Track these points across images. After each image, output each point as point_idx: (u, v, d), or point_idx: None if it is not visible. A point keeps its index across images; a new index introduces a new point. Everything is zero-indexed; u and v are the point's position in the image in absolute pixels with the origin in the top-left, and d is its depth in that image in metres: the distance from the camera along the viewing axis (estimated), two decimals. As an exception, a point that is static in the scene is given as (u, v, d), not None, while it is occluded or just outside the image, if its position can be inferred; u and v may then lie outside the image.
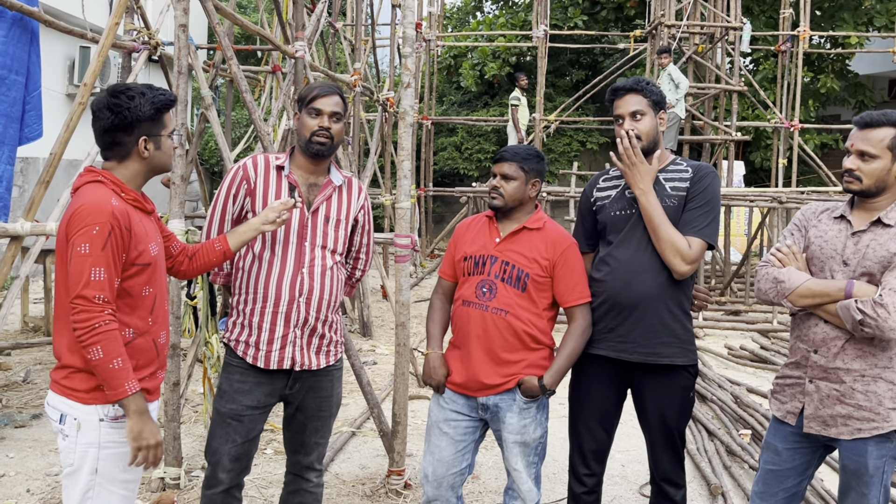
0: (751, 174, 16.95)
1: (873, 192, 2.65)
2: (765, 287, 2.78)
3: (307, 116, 2.97)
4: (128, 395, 2.33)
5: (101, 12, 7.23)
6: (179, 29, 4.21)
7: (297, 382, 3.02)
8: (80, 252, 2.30)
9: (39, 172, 4.55)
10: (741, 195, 10.35)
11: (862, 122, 2.67)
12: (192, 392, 5.96)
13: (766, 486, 2.87)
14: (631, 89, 3.06)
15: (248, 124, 15.84)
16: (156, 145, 2.50)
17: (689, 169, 3.09)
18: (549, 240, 3.10)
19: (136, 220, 2.44)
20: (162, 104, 2.48)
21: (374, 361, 7.43)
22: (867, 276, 2.62)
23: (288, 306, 2.92)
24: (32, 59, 4.79)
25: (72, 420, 2.40)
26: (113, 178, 2.45)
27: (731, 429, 5.49)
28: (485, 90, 18.76)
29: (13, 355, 7.10)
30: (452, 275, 3.26)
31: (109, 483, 2.43)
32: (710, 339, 8.99)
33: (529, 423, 3.08)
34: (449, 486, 3.16)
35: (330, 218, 3.02)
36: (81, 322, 2.29)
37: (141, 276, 2.46)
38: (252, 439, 3.00)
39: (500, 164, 3.11)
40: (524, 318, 3.04)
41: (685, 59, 12.45)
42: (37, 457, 4.78)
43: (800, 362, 2.78)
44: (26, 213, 4.54)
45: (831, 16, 16.83)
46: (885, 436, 2.64)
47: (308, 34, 6.52)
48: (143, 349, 2.49)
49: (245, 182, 3.00)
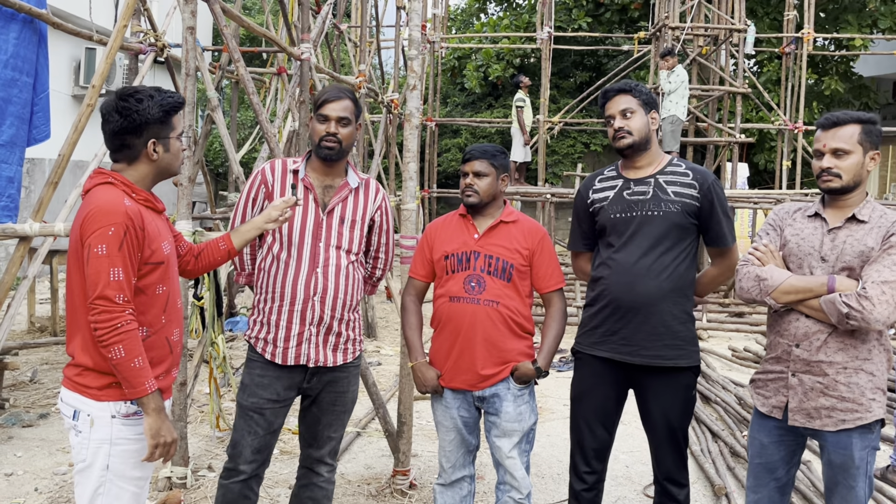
0: (755, 176, 16.96)
1: (851, 186, 2.74)
2: (747, 285, 2.84)
3: (316, 122, 3.06)
4: (147, 393, 2.37)
5: (108, 14, 7.27)
6: (187, 31, 4.24)
7: (314, 377, 3.11)
8: (98, 253, 2.33)
9: (45, 173, 4.58)
10: (745, 197, 10.37)
11: (829, 123, 2.77)
12: (199, 392, 6.00)
13: (757, 479, 2.95)
14: (620, 91, 3.16)
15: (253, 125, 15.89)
16: (164, 148, 2.53)
17: (690, 173, 3.12)
18: (526, 230, 3.23)
19: (149, 220, 2.47)
20: (170, 107, 2.51)
21: (379, 362, 7.46)
22: (847, 271, 2.70)
23: (303, 305, 3.01)
24: (41, 60, 4.83)
25: (85, 416, 2.42)
26: (123, 180, 2.48)
27: (735, 430, 5.50)
28: (489, 92, 18.80)
29: (20, 355, 7.13)
30: (425, 275, 3.33)
31: (121, 480, 2.45)
32: (713, 340, 9.00)
33: (524, 409, 3.19)
34: (461, 466, 3.29)
35: (345, 219, 3.10)
36: (103, 322, 2.32)
37: (154, 274, 2.49)
38: (273, 432, 3.10)
39: (471, 162, 3.21)
40: (512, 308, 3.16)
41: (689, 62, 12.46)
42: (44, 456, 4.81)
43: (781, 357, 2.83)
44: (34, 214, 4.57)
45: (835, 18, 16.84)
46: (867, 426, 2.71)
47: (313, 36, 6.55)
48: (157, 347, 2.52)
49: (263, 186, 3.12)
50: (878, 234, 2.68)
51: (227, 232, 2.98)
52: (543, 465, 4.90)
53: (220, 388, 5.23)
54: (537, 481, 4.65)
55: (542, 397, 6.47)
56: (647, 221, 3.06)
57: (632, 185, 3.14)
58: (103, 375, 2.41)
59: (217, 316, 4.73)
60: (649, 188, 3.10)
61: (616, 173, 3.23)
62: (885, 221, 2.70)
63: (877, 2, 16.21)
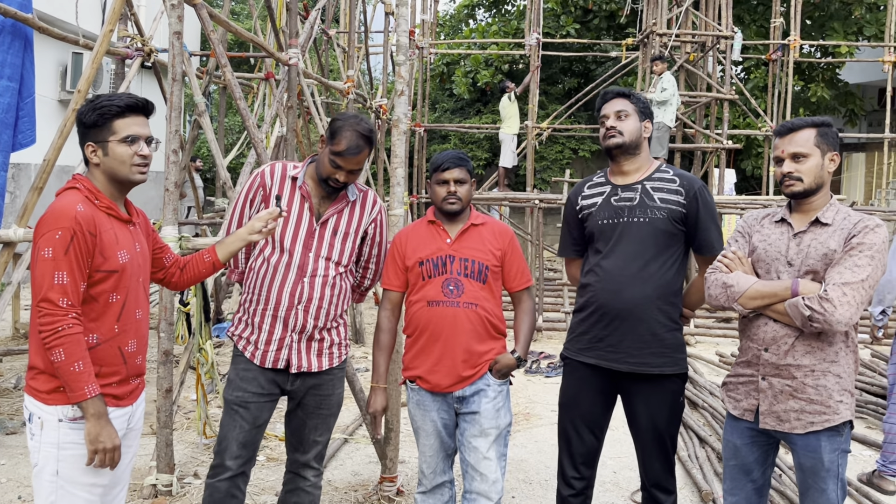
0: (742, 182, 17.04)
1: (814, 189, 2.79)
2: (715, 292, 2.87)
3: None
4: (86, 398, 2.36)
5: (94, 19, 7.24)
6: (174, 36, 4.22)
7: (297, 379, 3.11)
8: (44, 256, 2.33)
9: (31, 178, 4.55)
10: (732, 203, 10.40)
11: (785, 129, 2.83)
12: (185, 399, 5.96)
13: (734, 481, 2.97)
14: (619, 94, 3.20)
15: (241, 131, 15.86)
16: (104, 152, 2.47)
17: (677, 179, 3.13)
18: (495, 232, 3.29)
19: (107, 228, 2.44)
20: (106, 109, 2.45)
21: (367, 368, 7.43)
22: (811, 274, 2.73)
23: (287, 312, 3.02)
24: (27, 65, 4.79)
25: (37, 419, 2.43)
26: (90, 185, 2.47)
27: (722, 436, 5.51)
28: (477, 97, 18.82)
29: (4, 361, 7.08)
30: (399, 285, 3.32)
31: (72, 486, 2.43)
32: (701, 346, 9.03)
33: (501, 407, 3.20)
34: (442, 472, 3.28)
35: (338, 230, 3.11)
36: (46, 325, 2.32)
37: (107, 282, 2.45)
38: (258, 426, 3.09)
39: (451, 171, 3.21)
40: (489, 309, 3.20)
41: (677, 68, 12.52)
42: (28, 464, 4.74)
43: (751, 361, 2.87)
44: (19, 220, 4.53)
45: (822, 25, 16.97)
46: (835, 429, 2.74)
47: (301, 41, 6.54)
48: (108, 356, 2.48)
49: (262, 189, 3.11)
50: (841, 237, 2.71)
51: (212, 244, 2.97)
52: (531, 471, 4.89)
53: (208, 394, 5.20)
54: (525, 487, 4.64)
55: (530, 403, 6.47)
56: (634, 228, 3.07)
57: (619, 192, 3.15)
58: (52, 378, 2.40)
59: (205, 322, 4.71)
60: (636, 194, 3.11)
61: (604, 179, 3.24)
62: (847, 224, 2.73)
63: (862, 9, 16.35)
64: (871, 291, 2.64)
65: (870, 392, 6.57)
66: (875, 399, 6.38)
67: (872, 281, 2.63)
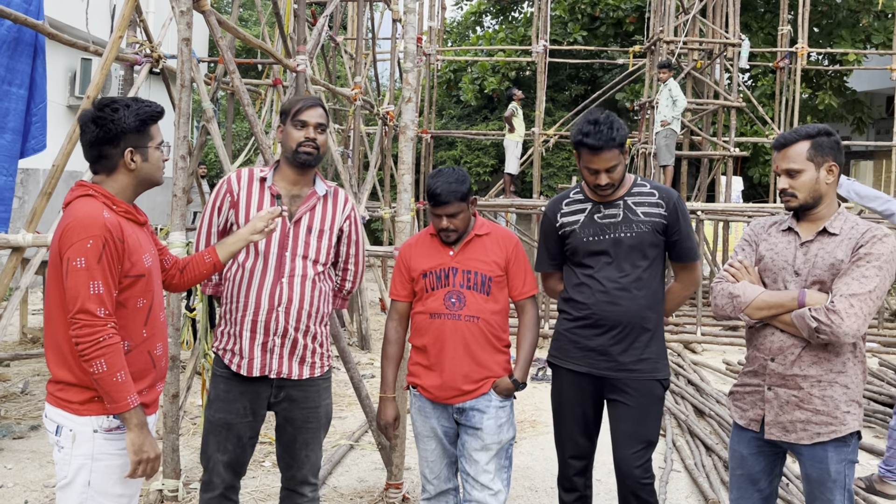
0: (749, 190, 16.99)
1: (811, 203, 2.77)
2: (721, 302, 2.87)
3: (293, 128, 3.02)
4: (130, 408, 2.34)
5: (104, 25, 7.28)
6: (183, 42, 4.24)
7: (281, 391, 3.06)
8: (77, 266, 2.29)
9: (39, 183, 4.57)
10: (739, 210, 10.38)
11: (778, 144, 2.83)
12: (191, 404, 5.96)
13: (741, 491, 2.96)
14: (604, 147, 3.05)
15: (248, 137, 15.87)
16: (143, 157, 2.48)
17: (655, 192, 3.20)
18: (499, 240, 3.25)
19: (129, 232, 2.44)
20: (147, 116, 2.47)
21: (373, 374, 7.43)
22: (818, 285, 2.71)
23: (267, 315, 2.97)
24: (38, 71, 4.82)
25: (67, 431, 2.39)
26: (103, 192, 2.44)
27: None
28: (484, 104, 18.83)
29: (12, 366, 7.10)
30: (406, 295, 3.31)
31: (102, 497, 2.41)
32: (707, 354, 9.00)
33: (504, 423, 3.19)
34: (446, 479, 3.28)
35: (312, 228, 3.06)
36: (85, 336, 2.28)
37: (135, 287, 2.45)
38: (244, 446, 3.06)
39: (443, 207, 3.11)
40: (493, 322, 3.18)
41: (684, 75, 12.51)
42: (35, 468, 4.78)
43: (758, 371, 2.86)
44: (27, 225, 4.55)
45: (829, 33, 16.94)
46: (843, 440, 2.72)
47: (309, 48, 6.56)
48: (139, 361, 2.47)
49: (229, 195, 3.08)
50: (848, 247, 2.69)
51: (213, 245, 2.96)
52: (537, 479, 4.88)
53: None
54: (531, 495, 4.63)
55: (537, 410, 6.45)
56: (622, 242, 3.15)
57: (602, 209, 3.21)
58: (85, 390, 2.38)
59: (210, 327, 4.71)
60: (619, 210, 3.19)
61: (583, 196, 3.28)
62: (855, 233, 2.71)
63: (870, 17, 16.31)
64: (878, 302, 2.62)
65: (878, 401, 6.54)
66: (883, 408, 6.34)
67: (880, 292, 2.61)
